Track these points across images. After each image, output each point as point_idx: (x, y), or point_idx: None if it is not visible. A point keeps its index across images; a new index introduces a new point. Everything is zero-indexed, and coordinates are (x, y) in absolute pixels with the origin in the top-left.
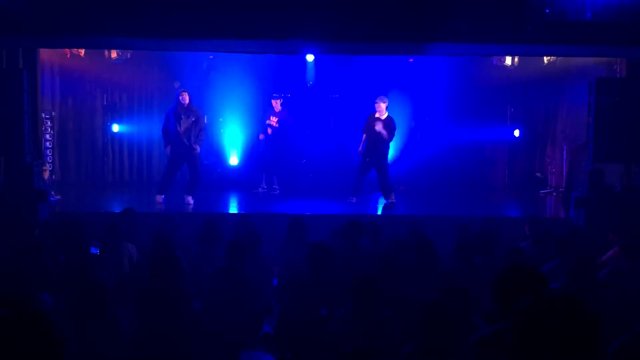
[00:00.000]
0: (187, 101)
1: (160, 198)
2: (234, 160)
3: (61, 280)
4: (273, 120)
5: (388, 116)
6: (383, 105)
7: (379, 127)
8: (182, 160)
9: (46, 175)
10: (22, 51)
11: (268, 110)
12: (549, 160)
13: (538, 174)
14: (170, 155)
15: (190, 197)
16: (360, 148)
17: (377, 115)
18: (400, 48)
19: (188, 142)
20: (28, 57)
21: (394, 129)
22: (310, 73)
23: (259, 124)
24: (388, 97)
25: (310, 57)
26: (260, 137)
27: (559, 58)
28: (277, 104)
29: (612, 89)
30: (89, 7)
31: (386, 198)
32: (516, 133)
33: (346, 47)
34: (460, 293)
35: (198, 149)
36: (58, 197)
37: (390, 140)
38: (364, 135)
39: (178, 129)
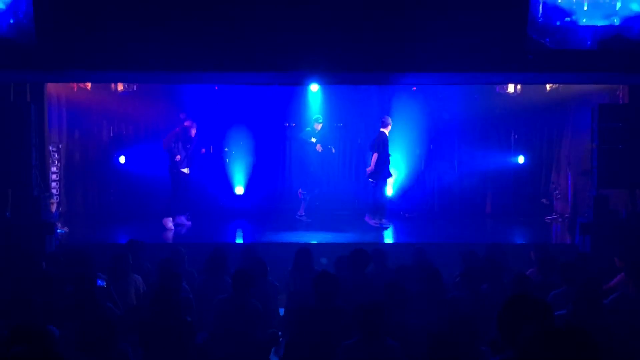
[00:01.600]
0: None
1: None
2: (239, 190)
3: (68, 312)
4: (313, 140)
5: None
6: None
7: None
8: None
9: (53, 207)
10: (30, 84)
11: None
12: (554, 186)
13: (543, 200)
14: (183, 176)
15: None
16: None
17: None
18: (403, 77)
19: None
20: (35, 90)
21: (378, 144)
22: (315, 102)
23: (268, 152)
24: (394, 123)
25: (314, 87)
26: (318, 149)
27: (562, 85)
28: (319, 127)
29: (614, 115)
30: (97, 42)
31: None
32: (520, 159)
33: (350, 77)
34: (466, 321)
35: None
36: (65, 229)
37: (378, 153)
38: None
39: (182, 154)
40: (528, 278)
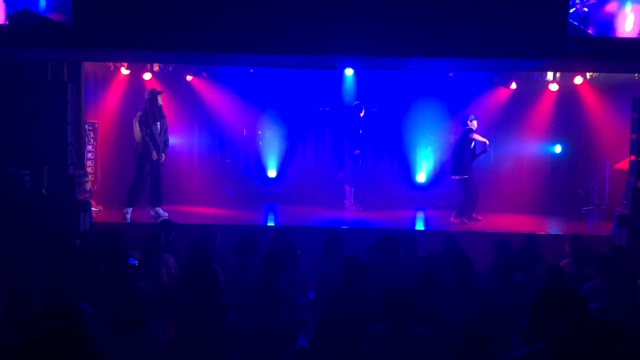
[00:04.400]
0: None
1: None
2: (272, 173)
3: (100, 290)
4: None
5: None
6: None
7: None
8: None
9: (88, 185)
10: (67, 63)
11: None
12: (591, 177)
13: (580, 191)
14: (152, 162)
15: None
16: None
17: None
18: (439, 63)
19: (163, 148)
20: (73, 68)
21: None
22: (349, 87)
23: (302, 136)
24: (428, 110)
25: (349, 71)
26: (355, 153)
27: (602, 73)
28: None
29: None
30: (134, 23)
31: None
32: (557, 148)
33: (384, 61)
34: (496, 311)
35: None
36: (99, 207)
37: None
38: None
39: (156, 132)
40: (562, 269)
